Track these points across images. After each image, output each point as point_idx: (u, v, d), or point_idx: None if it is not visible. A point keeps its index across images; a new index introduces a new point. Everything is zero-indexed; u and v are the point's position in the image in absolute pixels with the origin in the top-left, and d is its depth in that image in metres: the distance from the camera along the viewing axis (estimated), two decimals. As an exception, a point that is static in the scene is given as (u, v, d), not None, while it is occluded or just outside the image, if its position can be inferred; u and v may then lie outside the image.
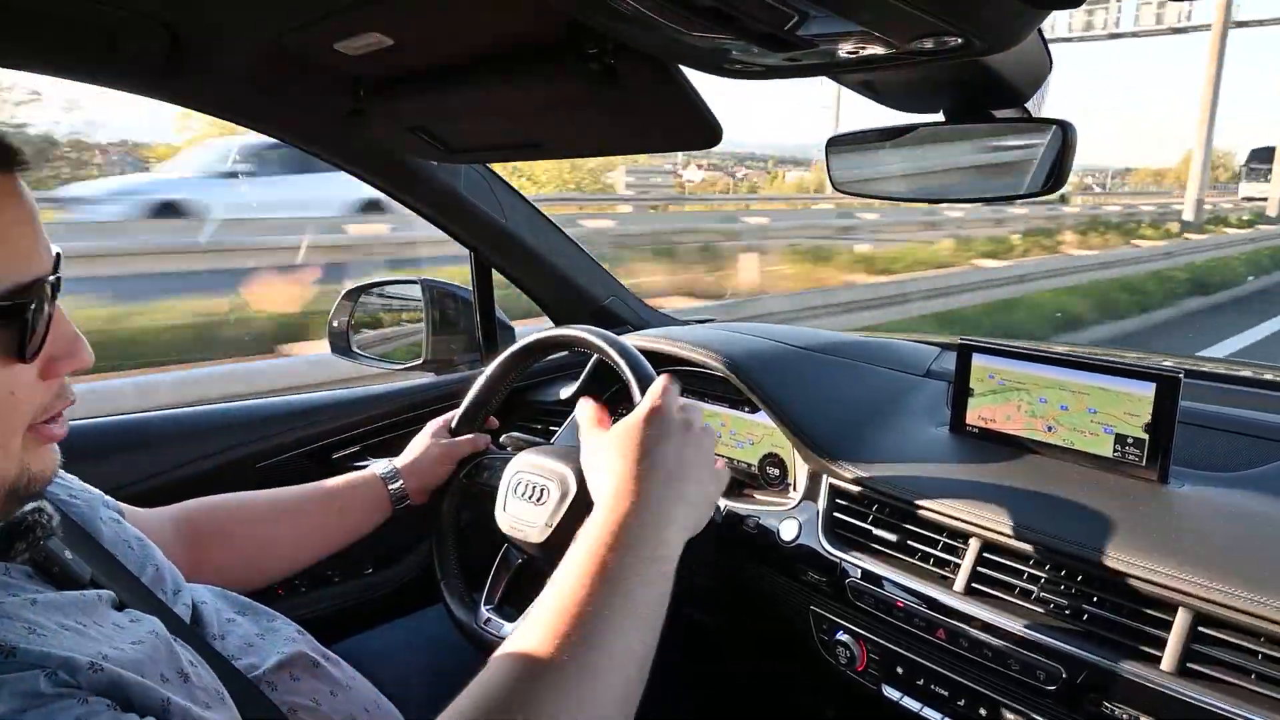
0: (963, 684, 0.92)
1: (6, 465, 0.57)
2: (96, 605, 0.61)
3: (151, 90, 1.06)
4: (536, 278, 1.59)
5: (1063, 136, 0.81)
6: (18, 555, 0.60)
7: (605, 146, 1.22)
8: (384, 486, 1.11)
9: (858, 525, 1.04)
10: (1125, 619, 0.81)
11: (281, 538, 1.03)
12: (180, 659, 0.61)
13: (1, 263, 0.54)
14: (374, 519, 1.11)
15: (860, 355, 1.32)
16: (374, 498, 1.10)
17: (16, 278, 0.55)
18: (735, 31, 0.62)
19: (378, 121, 1.11)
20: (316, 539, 1.06)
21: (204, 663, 0.64)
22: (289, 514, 1.04)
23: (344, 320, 1.57)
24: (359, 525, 1.09)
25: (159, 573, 0.73)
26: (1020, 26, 0.60)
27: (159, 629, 0.62)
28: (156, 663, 0.58)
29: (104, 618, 0.60)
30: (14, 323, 0.55)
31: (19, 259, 0.56)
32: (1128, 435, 0.93)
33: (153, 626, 0.62)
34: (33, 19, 0.85)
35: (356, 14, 0.83)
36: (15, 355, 0.55)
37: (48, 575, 0.61)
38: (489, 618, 1.09)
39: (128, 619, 0.62)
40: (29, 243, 0.57)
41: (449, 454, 1.18)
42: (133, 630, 0.60)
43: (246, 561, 0.99)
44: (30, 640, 0.52)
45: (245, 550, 0.99)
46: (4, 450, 0.57)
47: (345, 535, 1.08)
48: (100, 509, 0.75)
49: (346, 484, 1.10)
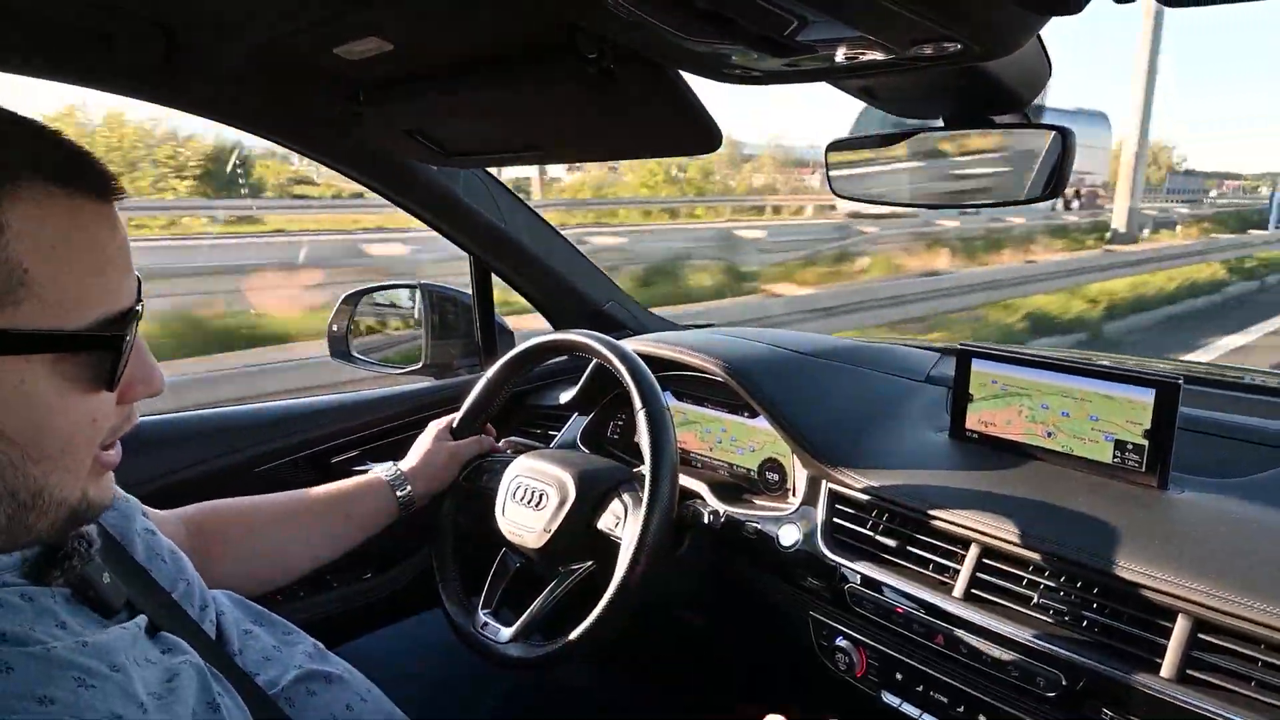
0: (962, 690, 0.91)
1: (74, 488, 0.58)
2: (137, 639, 0.61)
3: (148, 93, 1.05)
4: (535, 282, 1.59)
5: (1062, 142, 0.81)
6: (54, 581, 0.60)
7: (604, 151, 1.22)
8: (391, 492, 1.11)
9: (857, 531, 1.03)
10: (1125, 625, 0.80)
11: (288, 544, 1.03)
12: (211, 689, 0.62)
13: (100, 294, 0.55)
14: (380, 523, 1.11)
15: (860, 360, 1.31)
16: (381, 502, 1.11)
17: (110, 309, 0.56)
18: (735, 36, 0.62)
19: (375, 125, 1.11)
20: (323, 544, 1.06)
21: (231, 690, 0.65)
22: (296, 520, 1.04)
23: (343, 324, 1.57)
24: (366, 530, 1.09)
25: (189, 588, 0.74)
26: (1019, 32, 0.60)
27: (192, 658, 0.63)
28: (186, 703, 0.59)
29: (140, 654, 0.60)
30: (107, 353, 0.56)
31: (114, 290, 0.56)
32: (1127, 441, 0.93)
33: (185, 656, 0.63)
34: (28, 21, 0.85)
35: (354, 18, 0.83)
36: (104, 384, 0.57)
37: (84, 599, 0.61)
38: (486, 622, 1.09)
39: (160, 650, 0.63)
40: (122, 274, 0.57)
41: (456, 457, 1.19)
42: (166, 663, 0.61)
43: (252, 567, 0.99)
44: (79, 695, 0.52)
45: (251, 556, 0.99)
46: (75, 474, 0.57)
47: (351, 540, 1.08)
48: (137, 519, 0.75)
49: (354, 489, 1.10)
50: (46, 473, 0.55)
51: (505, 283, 1.58)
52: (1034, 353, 1.05)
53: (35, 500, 0.55)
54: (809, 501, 1.10)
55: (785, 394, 1.19)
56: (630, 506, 1.04)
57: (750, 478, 1.26)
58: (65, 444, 0.56)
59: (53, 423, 0.54)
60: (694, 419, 1.33)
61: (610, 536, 1.04)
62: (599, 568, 1.05)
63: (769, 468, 1.23)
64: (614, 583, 0.97)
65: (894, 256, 13.60)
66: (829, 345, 1.35)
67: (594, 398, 1.43)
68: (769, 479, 1.23)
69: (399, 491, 1.11)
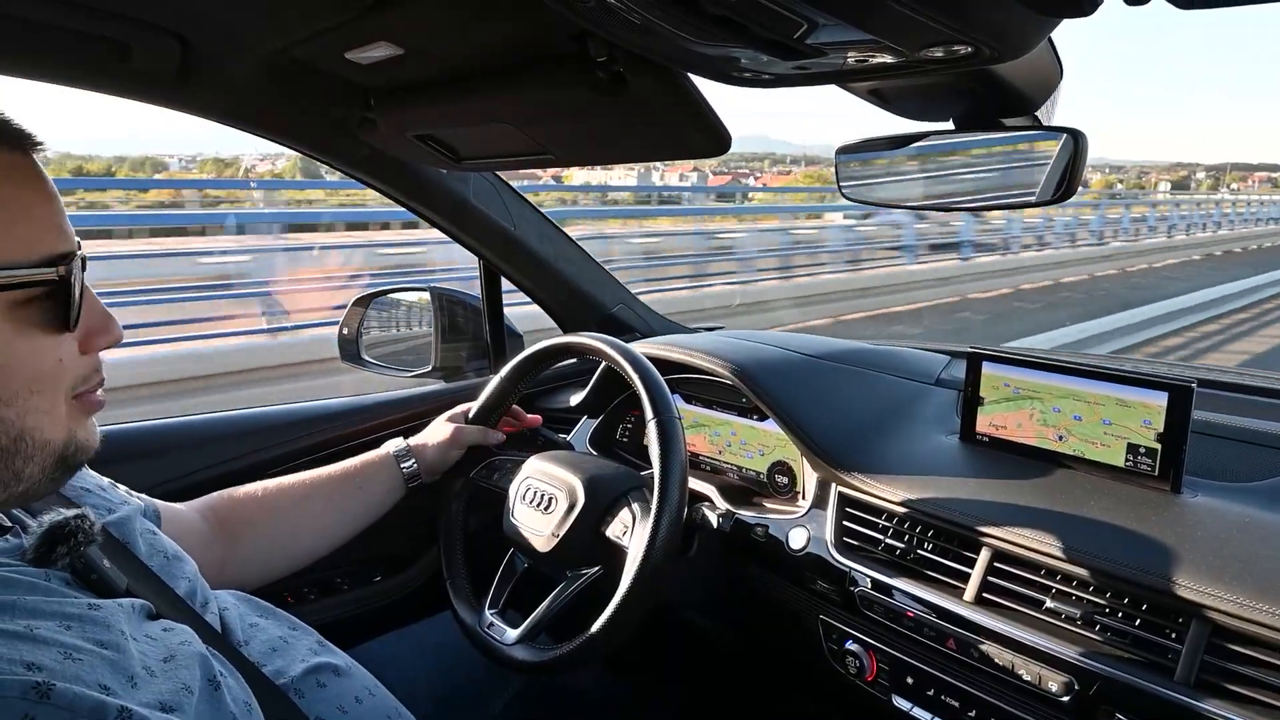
0: (974, 695, 0.91)
1: (56, 431, 0.60)
2: (133, 615, 0.62)
3: (163, 100, 1.07)
4: (545, 285, 1.59)
5: (1074, 144, 0.80)
6: (59, 559, 0.61)
7: (613, 155, 1.22)
8: (397, 464, 1.14)
9: (867, 534, 1.03)
10: (1138, 630, 0.80)
11: (304, 521, 1.05)
12: (212, 668, 0.63)
13: (32, 237, 0.58)
14: (390, 497, 1.14)
15: (869, 363, 1.31)
16: (388, 474, 1.14)
17: (49, 250, 0.59)
18: (744, 40, 0.62)
19: (387, 130, 1.12)
20: (338, 520, 1.08)
21: (235, 672, 0.66)
22: (310, 497, 1.07)
23: (354, 327, 1.58)
24: (378, 503, 1.12)
25: (191, 585, 0.75)
26: (1030, 35, 0.60)
27: (192, 639, 0.64)
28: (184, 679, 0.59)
29: (139, 629, 0.62)
30: (57, 293, 0.59)
31: (48, 233, 0.59)
32: (1140, 445, 0.92)
33: (185, 637, 0.64)
34: (44, 30, 0.86)
35: (367, 24, 0.83)
36: (60, 324, 0.60)
37: (85, 582, 0.63)
38: (492, 622, 1.09)
39: (161, 629, 0.64)
40: (55, 220, 0.60)
41: (456, 437, 1.21)
42: (165, 641, 0.62)
43: (273, 549, 1.02)
44: (65, 666, 0.52)
45: (272, 538, 1.02)
46: (52, 415, 0.60)
47: (364, 515, 1.11)
48: (138, 520, 0.77)
49: (362, 465, 1.13)
50: (21, 415, 0.58)
51: (515, 286, 1.58)
52: (1046, 356, 1.05)
53: (18, 444, 0.58)
54: (818, 505, 1.10)
55: (794, 397, 1.19)
56: (639, 515, 1.04)
57: (759, 481, 1.26)
58: (32, 384, 0.58)
59: (15, 364, 0.57)
60: (703, 422, 1.33)
61: (618, 543, 1.04)
62: (606, 573, 1.05)
63: (778, 471, 1.23)
64: (620, 592, 0.97)
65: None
66: (838, 348, 1.35)
67: (603, 400, 1.43)
68: (778, 482, 1.23)
69: (404, 465, 1.14)
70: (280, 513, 1.03)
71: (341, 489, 1.09)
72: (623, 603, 0.96)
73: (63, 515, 0.63)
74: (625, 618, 0.96)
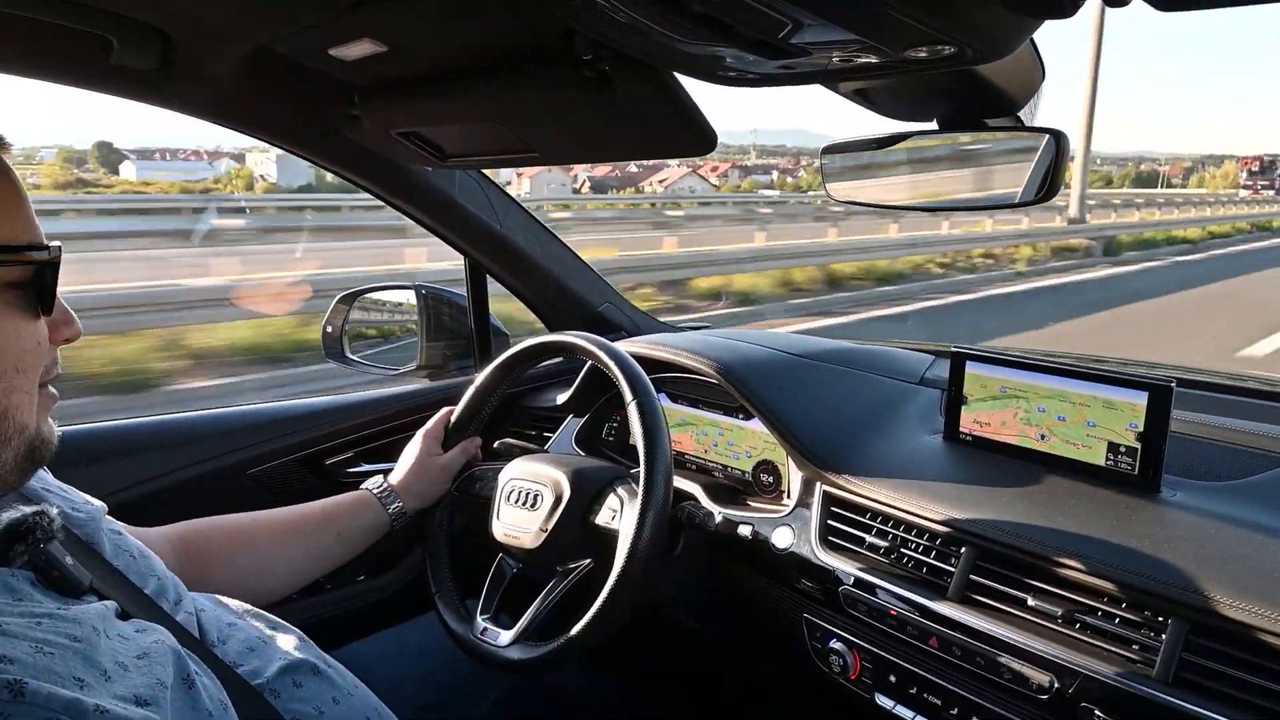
0: (955, 692, 0.91)
1: (28, 419, 0.62)
2: (105, 614, 0.62)
3: (144, 96, 1.05)
4: (531, 283, 1.59)
5: (1055, 145, 0.81)
6: (17, 558, 0.60)
7: (599, 153, 1.22)
8: (382, 508, 1.12)
9: (851, 533, 1.04)
10: (1117, 628, 0.81)
11: (280, 561, 1.03)
12: (187, 667, 0.62)
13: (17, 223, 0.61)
14: (371, 540, 1.11)
15: (854, 362, 1.32)
16: (372, 519, 1.11)
17: (33, 238, 0.61)
18: (729, 39, 0.62)
19: (371, 127, 1.11)
20: (314, 562, 1.06)
21: (209, 672, 0.65)
22: (287, 537, 1.04)
23: (338, 325, 1.57)
24: (357, 548, 1.10)
25: (161, 584, 0.74)
26: (1012, 36, 0.60)
27: (165, 637, 0.63)
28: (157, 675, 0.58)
29: (111, 627, 0.61)
30: (44, 276, 0.61)
31: (20, 221, 0.61)
32: (1120, 444, 0.93)
33: (158, 636, 0.63)
34: (25, 25, 0.85)
35: (350, 20, 0.83)
36: (35, 310, 0.62)
37: (47, 580, 0.62)
38: (485, 628, 1.08)
39: (133, 629, 0.63)
40: (23, 212, 0.62)
41: (447, 470, 1.19)
42: (138, 640, 0.61)
43: (244, 583, 0.98)
44: (38, 659, 0.52)
45: (243, 573, 0.99)
46: (30, 398, 0.62)
47: (341, 558, 1.09)
48: (103, 520, 0.76)
49: (344, 507, 1.10)
50: (6, 393, 0.59)
51: (500, 284, 1.58)
52: (1027, 355, 1.05)
53: (1, 422, 0.59)
54: (803, 504, 1.11)
55: (779, 396, 1.19)
56: (626, 499, 1.04)
57: (745, 480, 1.26)
58: (16, 363, 0.60)
59: (3, 342, 0.59)
60: (689, 421, 1.33)
61: (608, 531, 1.04)
62: (597, 565, 1.05)
63: (763, 470, 1.23)
64: (615, 571, 0.97)
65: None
66: (823, 347, 1.35)
67: (588, 399, 1.43)
68: (763, 481, 1.23)
69: (390, 507, 1.12)
70: (254, 550, 1.01)
71: (319, 531, 1.06)
72: (621, 575, 0.96)
73: (21, 512, 0.61)
74: (625, 592, 0.96)
